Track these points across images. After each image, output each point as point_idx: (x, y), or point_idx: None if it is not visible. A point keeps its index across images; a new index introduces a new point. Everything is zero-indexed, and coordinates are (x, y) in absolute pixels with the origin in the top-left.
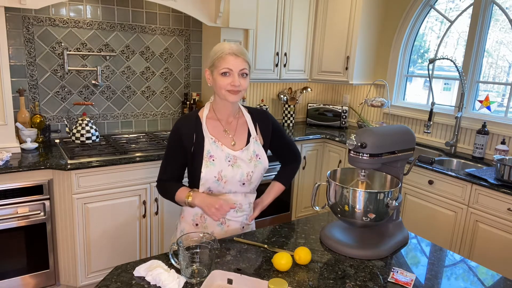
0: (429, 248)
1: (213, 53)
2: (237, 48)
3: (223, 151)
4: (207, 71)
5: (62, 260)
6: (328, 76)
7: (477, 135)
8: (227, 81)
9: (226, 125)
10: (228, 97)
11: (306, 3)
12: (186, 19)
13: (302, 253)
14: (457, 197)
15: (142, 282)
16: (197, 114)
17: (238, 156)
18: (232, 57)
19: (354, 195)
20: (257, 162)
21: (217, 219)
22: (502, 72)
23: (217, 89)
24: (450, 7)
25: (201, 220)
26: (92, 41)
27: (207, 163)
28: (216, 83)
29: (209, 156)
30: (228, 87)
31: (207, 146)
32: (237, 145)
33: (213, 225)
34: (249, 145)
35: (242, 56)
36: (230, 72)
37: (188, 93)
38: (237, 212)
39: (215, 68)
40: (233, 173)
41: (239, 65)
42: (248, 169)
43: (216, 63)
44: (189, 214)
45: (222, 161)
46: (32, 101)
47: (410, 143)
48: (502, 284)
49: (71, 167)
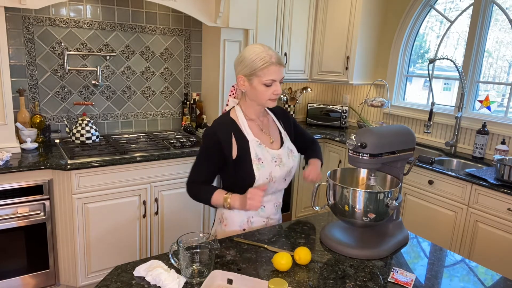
0: (429, 248)
1: (253, 61)
2: (277, 56)
3: (268, 152)
4: (243, 78)
5: (62, 260)
6: (328, 76)
7: (477, 135)
8: (270, 91)
9: (261, 125)
10: (269, 104)
11: (306, 3)
12: (186, 19)
13: (302, 253)
14: (457, 197)
15: (142, 282)
16: (231, 117)
17: (281, 155)
18: (276, 68)
19: (354, 195)
20: (293, 157)
21: (257, 208)
22: (502, 72)
23: (257, 97)
24: (450, 7)
25: (248, 224)
26: (92, 41)
27: (258, 166)
28: (257, 91)
29: (258, 159)
30: (271, 97)
31: (253, 149)
32: (275, 143)
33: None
34: (284, 142)
35: (282, 64)
36: (273, 82)
37: (188, 93)
38: (277, 210)
39: (256, 77)
40: (281, 172)
41: (281, 74)
42: (289, 165)
43: (259, 73)
44: (234, 222)
45: (269, 162)
46: (32, 101)
47: (410, 143)
48: (502, 284)
49: (71, 167)
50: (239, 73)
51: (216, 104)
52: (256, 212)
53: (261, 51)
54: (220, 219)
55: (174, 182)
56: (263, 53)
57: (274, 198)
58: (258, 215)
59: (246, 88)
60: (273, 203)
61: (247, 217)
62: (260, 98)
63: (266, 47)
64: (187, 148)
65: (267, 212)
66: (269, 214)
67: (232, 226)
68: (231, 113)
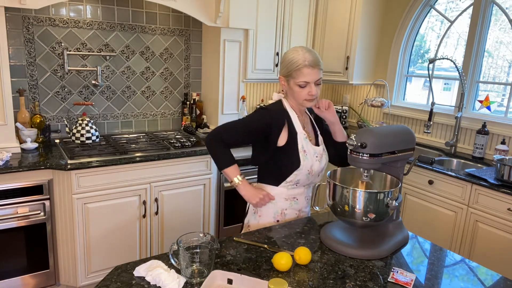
0: (429, 248)
1: (289, 63)
2: (312, 59)
3: (312, 147)
4: (282, 79)
5: (62, 260)
6: (328, 76)
7: (477, 135)
8: (305, 91)
9: (303, 122)
10: (306, 104)
11: (306, 3)
12: (186, 19)
13: (302, 253)
14: (457, 197)
15: (142, 282)
16: (284, 107)
17: (321, 151)
18: (308, 70)
19: (354, 195)
20: (326, 155)
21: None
22: (502, 72)
23: (295, 97)
24: (450, 7)
25: (282, 216)
26: (92, 41)
27: (303, 157)
28: (293, 92)
29: (303, 150)
30: (307, 97)
31: (300, 141)
32: (312, 140)
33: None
34: (321, 140)
35: (317, 67)
36: (307, 84)
37: (188, 93)
38: (308, 203)
39: (291, 78)
40: (319, 167)
41: (315, 76)
42: (324, 162)
43: (293, 74)
44: (269, 213)
45: (312, 156)
46: (32, 101)
47: (410, 143)
48: (502, 284)
49: (71, 167)
50: (280, 73)
51: (216, 104)
52: (290, 205)
53: (297, 53)
54: (254, 210)
55: (174, 182)
56: (298, 55)
57: (306, 192)
58: (291, 207)
59: (285, 87)
60: (304, 196)
61: (281, 209)
62: (297, 98)
63: (305, 49)
64: (187, 148)
65: (299, 205)
66: (301, 207)
67: (267, 217)
68: (283, 103)
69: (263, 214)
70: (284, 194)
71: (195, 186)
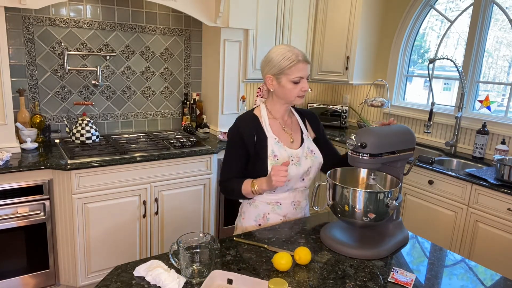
0: (429, 248)
1: (280, 60)
2: (303, 54)
3: (285, 151)
4: (271, 78)
5: (62, 260)
6: (328, 76)
7: (477, 135)
8: (298, 88)
9: (283, 124)
10: (297, 101)
11: (306, 3)
12: (186, 19)
13: (302, 253)
14: (457, 197)
15: (142, 282)
16: (254, 114)
17: (299, 154)
18: (303, 65)
19: (354, 195)
20: (313, 157)
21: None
22: (502, 72)
23: (286, 95)
24: (450, 7)
25: (264, 220)
26: (92, 41)
27: (272, 162)
28: (285, 89)
29: (274, 155)
30: (300, 93)
31: (270, 146)
32: (295, 142)
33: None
34: (304, 142)
35: (308, 62)
36: (301, 79)
37: (188, 93)
38: (296, 210)
39: (284, 76)
40: (296, 171)
41: (308, 71)
42: (306, 165)
43: (287, 71)
44: (251, 216)
45: (285, 160)
46: (32, 101)
47: (410, 143)
48: (502, 284)
49: (71, 167)
50: (267, 73)
51: (216, 104)
52: (272, 209)
53: (287, 50)
54: (240, 213)
55: (174, 182)
56: (289, 52)
57: (291, 196)
58: (274, 211)
59: (274, 87)
60: (291, 201)
61: (263, 213)
62: (289, 96)
63: (291, 46)
64: (187, 148)
65: (283, 210)
66: (286, 212)
67: (249, 220)
68: (255, 110)
69: (245, 217)
70: (265, 198)
71: (195, 186)
